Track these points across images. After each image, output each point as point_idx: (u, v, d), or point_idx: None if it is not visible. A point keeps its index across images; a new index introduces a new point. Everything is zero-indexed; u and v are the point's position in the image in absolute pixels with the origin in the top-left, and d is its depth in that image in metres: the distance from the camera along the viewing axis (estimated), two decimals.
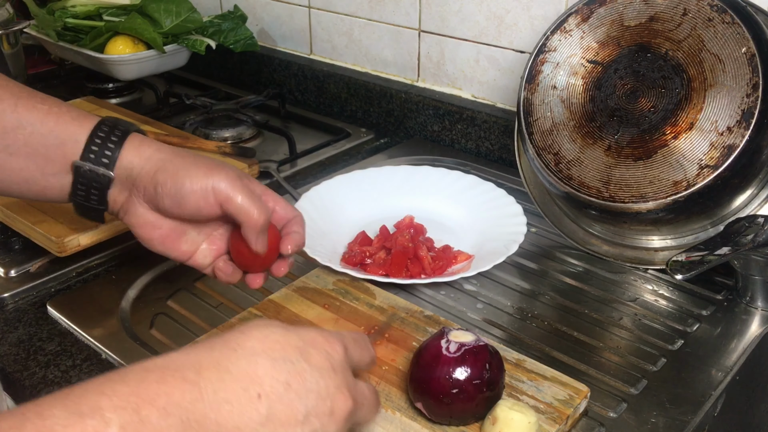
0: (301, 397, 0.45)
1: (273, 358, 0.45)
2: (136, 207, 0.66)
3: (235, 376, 0.43)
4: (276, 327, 0.48)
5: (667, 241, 0.86)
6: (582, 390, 0.65)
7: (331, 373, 0.47)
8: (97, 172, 0.64)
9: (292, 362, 0.46)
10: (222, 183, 0.63)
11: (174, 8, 1.32)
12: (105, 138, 0.64)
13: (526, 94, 0.90)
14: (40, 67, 1.56)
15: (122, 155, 0.64)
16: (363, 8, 1.29)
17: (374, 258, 0.85)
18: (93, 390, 0.39)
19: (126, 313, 0.80)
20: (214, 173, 0.64)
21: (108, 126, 0.65)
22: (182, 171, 0.63)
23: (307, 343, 0.48)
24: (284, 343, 0.47)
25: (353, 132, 1.28)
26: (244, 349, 0.45)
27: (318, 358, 0.47)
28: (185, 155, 0.66)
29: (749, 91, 0.75)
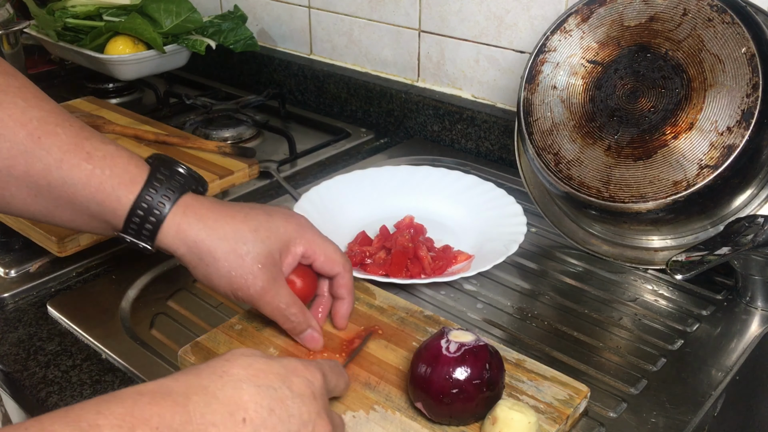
0: (284, 422, 0.47)
1: (257, 384, 0.48)
2: None
3: (221, 401, 0.46)
4: (259, 356, 0.51)
5: (667, 241, 0.86)
6: (582, 390, 0.65)
7: (312, 399, 0.50)
8: (138, 245, 0.64)
9: (275, 389, 0.48)
10: (251, 297, 0.64)
11: (174, 8, 1.32)
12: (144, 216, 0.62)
13: (526, 94, 0.90)
14: (40, 67, 1.56)
15: (161, 236, 0.63)
16: (363, 8, 1.29)
17: (374, 258, 0.85)
18: (90, 409, 0.41)
19: (126, 313, 0.80)
20: (246, 286, 0.64)
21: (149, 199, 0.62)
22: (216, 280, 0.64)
23: (289, 371, 0.50)
24: (267, 371, 0.49)
25: (353, 132, 1.28)
26: (230, 376, 0.48)
27: (300, 385, 0.50)
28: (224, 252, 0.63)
29: (749, 91, 0.75)
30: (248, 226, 0.64)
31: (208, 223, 0.63)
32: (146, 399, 0.43)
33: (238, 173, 1.04)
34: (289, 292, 0.66)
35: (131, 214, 0.62)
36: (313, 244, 0.68)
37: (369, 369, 0.67)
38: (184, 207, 0.63)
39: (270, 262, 0.64)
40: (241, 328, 0.72)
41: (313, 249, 0.68)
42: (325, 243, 0.69)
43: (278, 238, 0.65)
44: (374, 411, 0.62)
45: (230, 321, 0.73)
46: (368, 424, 0.61)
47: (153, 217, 0.62)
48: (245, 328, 0.72)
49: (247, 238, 0.64)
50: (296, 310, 0.66)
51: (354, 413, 0.62)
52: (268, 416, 0.47)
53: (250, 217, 0.65)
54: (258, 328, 0.72)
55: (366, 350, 0.70)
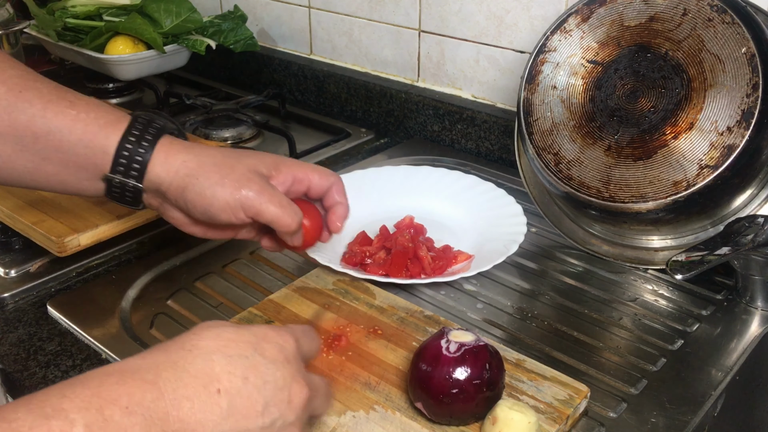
0: (259, 389, 0.47)
1: (228, 354, 0.47)
2: (172, 211, 0.68)
3: (192, 374, 0.45)
4: (227, 326, 0.50)
5: (667, 241, 0.86)
6: (582, 390, 0.65)
7: (286, 364, 0.50)
8: (127, 184, 0.65)
9: (247, 357, 0.48)
10: (249, 199, 0.64)
11: (174, 8, 1.32)
12: (132, 149, 0.63)
13: (526, 94, 0.90)
14: (40, 67, 1.56)
15: (149, 168, 0.64)
16: (363, 8, 1.29)
17: (374, 258, 0.85)
18: (55, 393, 0.40)
19: (126, 313, 0.80)
20: (241, 187, 0.64)
21: (136, 133, 0.64)
22: (209, 190, 0.64)
23: (260, 338, 0.50)
24: (237, 340, 0.49)
25: (353, 132, 1.28)
26: (199, 349, 0.47)
27: (272, 351, 0.49)
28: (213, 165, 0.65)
29: (749, 91, 0.75)
30: (232, 151, 0.68)
31: (194, 148, 0.66)
32: (113, 379, 0.42)
33: None
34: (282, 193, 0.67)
35: (120, 149, 0.63)
36: (301, 167, 0.70)
37: (369, 369, 0.67)
38: (170, 140, 0.66)
39: (260, 172, 0.66)
40: None
41: (304, 171, 0.70)
42: (311, 165, 0.72)
43: (266, 157, 0.68)
44: (374, 411, 0.62)
45: (230, 321, 0.73)
46: (368, 424, 0.61)
47: (142, 149, 0.63)
48: None
49: (233, 154, 0.66)
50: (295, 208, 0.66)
51: (354, 413, 0.62)
52: (243, 385, 0.46)
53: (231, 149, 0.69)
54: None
55: (366, 350, 0.70)
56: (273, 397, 0.48)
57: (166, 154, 0.65)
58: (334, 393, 0.64)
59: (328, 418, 0.61)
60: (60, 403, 0.39)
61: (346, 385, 0.65)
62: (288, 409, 0.48)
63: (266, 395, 0.47)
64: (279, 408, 0.48)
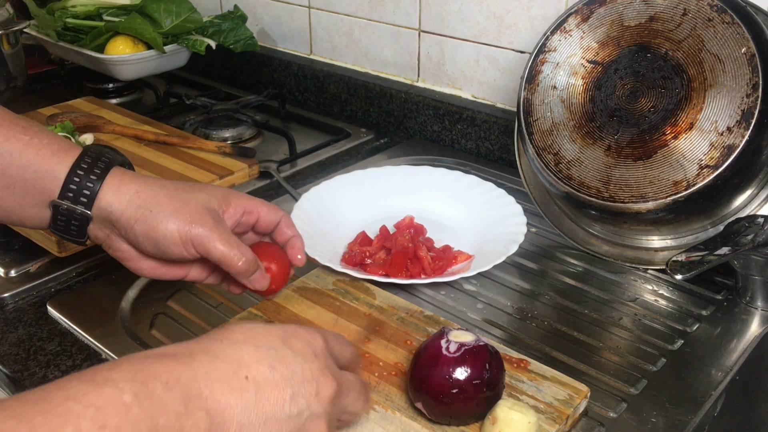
0: (287, 379, 0.48)
1: (257, 345, 0.49)
2: (119, 243, 0.66)
3: (224, 360, 0.47)
4: (258, 323, 0.52)
5: (667, 241, 0.86)
6: (582, 390, 0.65)
7: (314, 358, 0.51)
8: (75, 211, 0.63)
9: (275, 349, 0.49)
10: (200, 236, 0.63)
11: (174, 8, 1.32)
12: (84, 176, 0.62)
13: (526, 94, 0.90)
14: (40, 67, 1.56)
15: (101, 196, 0.63)
16: (363, 8, 1.29)
17: (374, 258, 0.85)
18: (103, 368, 0.43)
19: (126, 313, 0.80)
20: (193, 222, 0.63)
21: (88, 161, 0.63)
22: (162, 223, 0.63)
23: (288, 333, 0.51)
24: (266, 333, 0.50)
25: (353, 132, 1.28)
26: (229, 340, 0.49)
27: (300, 345, 0.51)
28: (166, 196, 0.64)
29: (749, 91, 0.75)
30: (184, 183, 0.67)
31: (146, 179, 0.65)
32: (153, 359, 0.44)
33: (238, 173, 1.04)
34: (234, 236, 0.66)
35: (71, 174, 0.62)
36: (251, 199, 0.70)
37: (369, 369, 0.67)
38: (122, 171, 0.65)
39: (212, 208, 0.65)
40: None
41: (253, 203, 0.70)
42: (260, 199, 0.71)
43: (215, 191, 0.68)
44: (374, 411, 0.62)
45: (230, 321, 0.73)
46: (368, 424, 0.61)
47: (94, 176, 0.62)
48: None
49: (185, 188, 0.66)
50: (245, 249, 0.65)
51: None
52: (270, 373, 0.48)
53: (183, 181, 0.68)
54: None
55: (366, 350, 0.70)
56: (300, 388, 0.49)
57: (118, 182, 0.63)
58: None
59: None
60: (109, 374, 0.42)
61: None
62: (315, 401, 0.49)
63: (293, 385, 0.48)
64: (306, 399, 0.49)
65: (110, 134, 1.14)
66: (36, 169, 0.62)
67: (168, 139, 1.11)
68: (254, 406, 0.46)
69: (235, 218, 0.68)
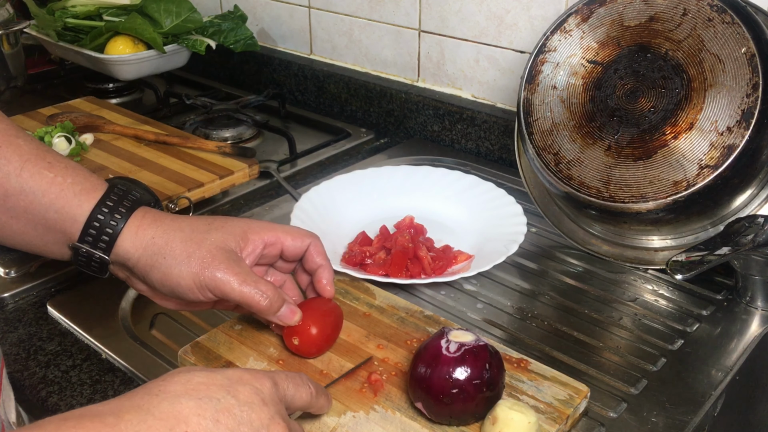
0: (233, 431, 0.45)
1: (197, 398, 0.45)
2: (140, 285, 0.66)
3: (157, 417, 0.43)
4: (199, 370, 0.48)
5: (667, 241, 0.86)
6: (582, 390, 0.65)
7: (262, 406, 0.47)
8: (94, 255, 0.62)
9: (218, 399, 0.45)
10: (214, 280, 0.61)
11: (174, 8, 1.32)
12: (103, 220, 0.61)
13: (526, 94, 0.90)
14: (40, 67, 1.56)
15: (119, 243, 0.62)
16: (363, 8, 1.29)
17: (374, 258, 0.85)
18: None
19: (126, 313, 0.80)
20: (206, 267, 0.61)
21: (110, 204, 0.62)
22: (175, 269, 0.61)
23: (233, 381, 0.47)
24: (208, 383, 0.46)
25: (353, 132, 1.28)
26: (166, 393, 0.45)
27: (246, 393, 0.47)
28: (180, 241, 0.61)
29: (749, 91, 0.75)
30: (202, 221, 0.64)
31: (163, 222, 0.63)
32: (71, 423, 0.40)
33: (238, 173, 1.04)
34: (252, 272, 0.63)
35: (91, 219, 0.61)
36: (273, 230, 0.66)
37: (369, 369, 0.67)
38: (143, 213, 0.63)
39: (227, 248, 0.62)
40: (241, 328, 0.72)
41: (275, 234, 0.66)
42: (286, 226, 0.68)
43: (234, 227, 0.64)
44: (374, 411, 0.62)
45: (230, 321, 0.73)
46: (368, 424, 0.61)
47: (114, 222, 0.61)
48: (245, 329, 0.72)
49: (202, 228, 0.63)
50: (266, 286, 0.62)
51: (354, 413, 0.62)
52: (214, 427, 0.44)
53: (204, 217, 0.65)
54: (258, 328, 0.72)
55: (366, 350, 0.70)
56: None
57: (136, 228, 0.62)
58: (334, 393, 0.64)
59: (328, 419, 0.61)
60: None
61: (346, 386, 0.65)
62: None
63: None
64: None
65: (110, 134, 1.14)
66: (57, 210, 0.61)
67: (168, 139, 1.11)
68: None
69: (255, 254, 0.65)
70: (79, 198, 0.61)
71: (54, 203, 0.61)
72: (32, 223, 0.62)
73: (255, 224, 0.66)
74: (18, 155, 0.61)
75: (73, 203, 0.61)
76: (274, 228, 0.67)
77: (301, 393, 0.53)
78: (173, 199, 0.95)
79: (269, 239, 0.66)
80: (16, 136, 0.62)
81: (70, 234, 0.62)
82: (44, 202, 0.61)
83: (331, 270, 0.69)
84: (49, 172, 0.61)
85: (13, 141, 0.61)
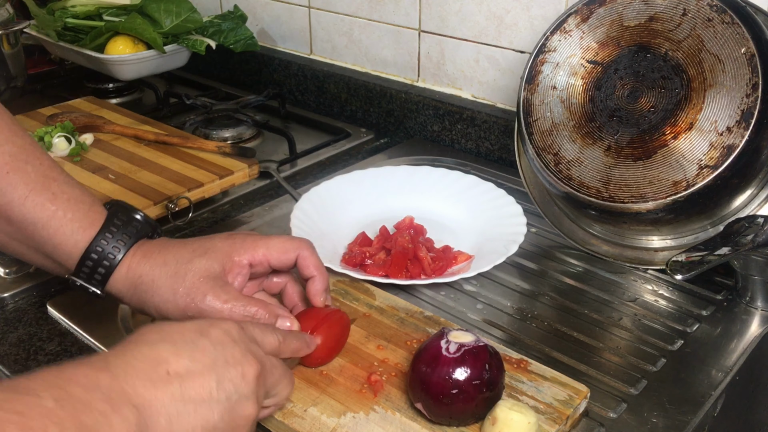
0: (209, 367, 0.49)
1: (173, 342, 0.49)
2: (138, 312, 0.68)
3: (140, 360, 0.47)
4: (171, 323, 0.52)
5: (667, 241, 0.86)
6: (582, 390, 0.65)
7: (233, 343, 0.52)
8: (88, 289, 0.65)
9: (193, 341, 0.50)
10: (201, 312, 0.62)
11: (174, 8, 1.32)
12: (97, 259, 0.64)
13: (526, 95, 0.90)
14: (40, 67, 1.56)
15: (111, 281, 0.65)
16: (363, 8, 1.29)
17: (374, 259, 0.85)
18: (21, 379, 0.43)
19: (126, 313, 0.80)
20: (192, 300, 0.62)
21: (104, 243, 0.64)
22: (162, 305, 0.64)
23: (204, 325, 0.52)
24: (181, 329, 0.51)
25: (353, 132, 1.28)
26: (143, 341, 0.49)
27: (217, 333, 0.51)
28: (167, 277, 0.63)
29: (749, 91, 0.75)
30: (187, 249, 0.65)
31: (152, 257, 0.65)
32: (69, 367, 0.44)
33: (238, 173, 1.04)
34: (240, 295, 0.64)
35: (84, 258, 0.64)
36: (256, 248, 0.66)
37: (369, 369, 0.67)
38: (134, 251, 0.65)
39: (212, 275, 0.64)
40: None
41: (259, 252, 0.66)
42: (272, 239, 0.67)
43: (217, 252, 0.65)
44: (374, 411, 0.62)
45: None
46: (368, 424, 0.61)
47: (107, 261, 0.64)
48: None
49: (185, 258, 0.64)
50: (254, 308, 0.63)
51: (354, 414, 0.62)
52: (192, 364, 0.48)
53: (191, 242, 0.67)
54: None
55: (366, 350, 0.70)
56: (224, 374, 0.49)
57: (127, 268, 0.65)
58: (334, 394, 0.64)
59: (328, 419, 0.61)
60: (27, 384, 0.42)
61: (346, 386, 0.65)
62: (242, 383, 0.50)
63: (217, 372, 0.49)
64: (233, 383, 0.50)
65: (110, 134, 1.14)
66: (55, 246, 0.64)
67: (168, 139, 1.11)
68: (181, 397, 0.47)
69: (242, 275, 0.66)
70: (76, 236, 0.64)
71: (52, 238, 0.63)
72: (33, 250, 0.65)
73: (239, 244, 0.66)
74: (24, 183, 0.63)
75: (69, 241, 0.64)
76: (257, 245, 0.66)
77: (268, 338, 0.57)
78: (173, 199, 0.95)
79: (254, 259, 0.66)
80: (26, 162, 0.63)
81: (67, 267, 0.65)
82: (44, 235, 0.63)
83: (323, 279, 0.69)
84: (51, 205, 0.63)
85: (22, 167, 0.63)
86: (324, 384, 0.65)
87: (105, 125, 1.14)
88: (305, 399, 0.63)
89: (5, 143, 0.63)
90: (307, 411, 0.62)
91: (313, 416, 0.62)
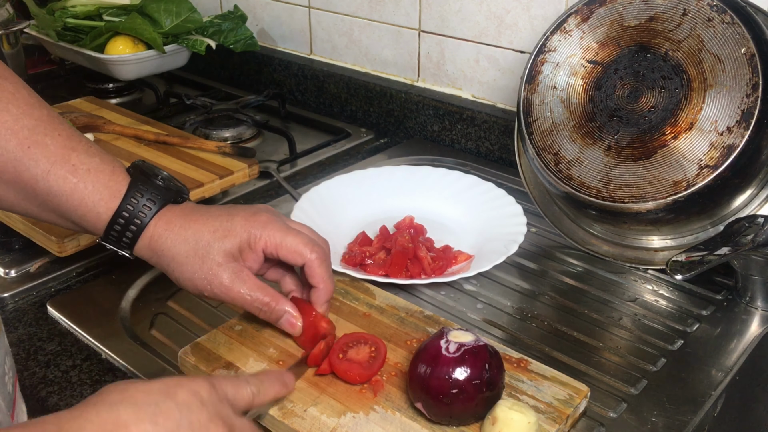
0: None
1: (134, 403, 0.45)
2: None
3: (97, 424, 0.43)
4: (136, 381, 0.49)
5: (667, 241, 0.86)
6: (582, 390, 0.65)
7: (201, 407, 0.48)
8: (117, 253, 0.67)
9: (156, 404, 0.46)
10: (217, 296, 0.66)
11: (174, 8, 1.32)
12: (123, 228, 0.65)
13: (526, 94, 0.90)
14: (40, 67, 1.56)
15: (137, 247, 0.66)
16: (363, 8, 1.29)
17: (374, 258, 0.85)
18: None
19: (126, 313, 0.80)
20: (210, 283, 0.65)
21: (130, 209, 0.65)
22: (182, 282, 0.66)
23: (170, 385, 0.48)
24: (146, 390, 0.47)
25: (353, 132, 1.28)
26: (104, 403, 0.45)
27: (184, 395, 0.48)
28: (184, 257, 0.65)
29: (749, 91, 0.75)
30: (208, 227, 0.66)
31: (174, 229, 0.66)
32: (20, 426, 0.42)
33: (238, 173, 1.04)
34: (256, 283, 0.67)
35: (111, 226, 0.65)
36: (273, 239, 0.67)
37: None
38: (158, 218, 0.66)
39: (229, 260, 0.66)
40: (241, 329, 0.72)
41: (273, 244, 0.67)
42: (288, 236, 0.67)
43: (237, 236, 0.66)
44: (374, 411, 0.62)
45: (230, 321, 0.73)
46: (368, 424, 0.61)
47: (134, 226, 0.65)
48: (245, 329, 0.72)
49: (205, 240, 0.65)
50: (267, 298, 0.67)
51: (354, 414, 0.62)
52: (153, 428, 0.45)
53: (212, 219, 0.67)
54: (257, 328, 0.72)
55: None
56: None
57: (151, 235, 0.66)
58: (334, 394, 0.64)
59: (328, 419, 0.61)
60: None
61: (346, 386, 0.65)
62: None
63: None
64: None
65: (110, 134, 1.13)
66: (82, 215, 0.65)
67: (168, 139, 1.11)
68: None
69: (258, 262, 0.68)
70: (98, 208, 0.65)
71: (77, 209, 0.64)
72: (63, 218, 0.66)
73: (259, 231, 0.67)
74: (45, 157, 0.63)
75: (93, 212, 0.65)
76: (272, 237, 0.67)
77: (242, 393, 0.54)
78: None
79: (266, 249, 0.67)
80: (45, 134, 0.63)
81: (96, 233, 0.67)
82: (69, 207, 0.64)
83: (327, 292, 0.69)
84: (73, 177, 0.63)
85: (41, 141, 0.63)
86: (324, 384, 0.65)
87: (105, 125, 1.14)
88: (305, 399, 0.63)
89: (23, 117, 0.63)
90: (307, 411, 0.62)
91: (313, 416, 0.62)
